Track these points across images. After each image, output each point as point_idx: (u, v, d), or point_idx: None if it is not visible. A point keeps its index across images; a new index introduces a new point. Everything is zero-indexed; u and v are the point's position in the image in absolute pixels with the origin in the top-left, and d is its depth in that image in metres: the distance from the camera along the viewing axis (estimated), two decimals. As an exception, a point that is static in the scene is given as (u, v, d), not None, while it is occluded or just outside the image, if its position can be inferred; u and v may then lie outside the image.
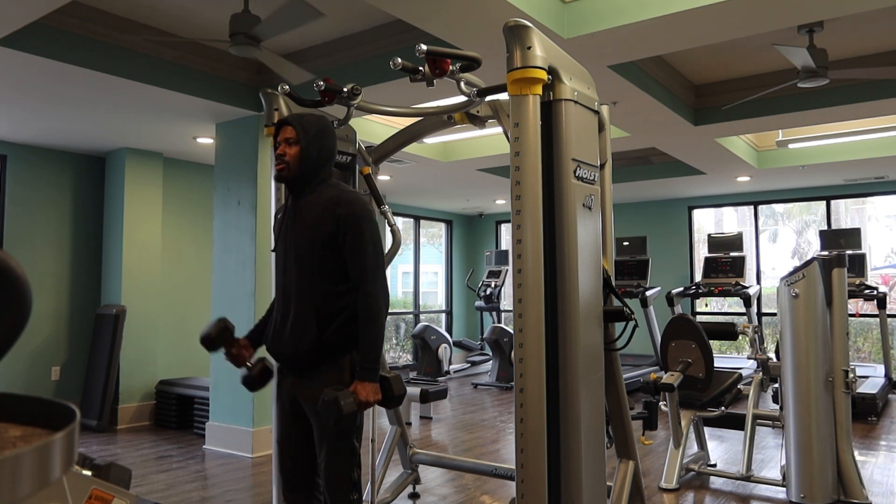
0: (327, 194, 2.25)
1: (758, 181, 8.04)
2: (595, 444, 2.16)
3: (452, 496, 4.05)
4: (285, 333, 2.24)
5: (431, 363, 8.55)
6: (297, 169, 2.24)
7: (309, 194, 2.27)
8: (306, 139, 2.24)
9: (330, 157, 2.31)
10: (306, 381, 2.23)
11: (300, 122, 2.26)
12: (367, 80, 4.32)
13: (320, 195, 2.26)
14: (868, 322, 8.65)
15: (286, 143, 2.25)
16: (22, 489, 0.50)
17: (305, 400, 2.23)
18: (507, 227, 10.67)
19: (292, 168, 2.24)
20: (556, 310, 2.08)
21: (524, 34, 2.02)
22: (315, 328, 2.18)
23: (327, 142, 2.30)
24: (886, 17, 4.13)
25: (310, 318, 2.19)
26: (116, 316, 5.89)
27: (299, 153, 2.24)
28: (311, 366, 2.22)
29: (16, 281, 0.65)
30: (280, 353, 2.28)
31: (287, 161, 2.24)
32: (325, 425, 2.16)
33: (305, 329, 2.19)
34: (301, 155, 2.24)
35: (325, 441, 2.20)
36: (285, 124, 2.27)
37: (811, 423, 3.70)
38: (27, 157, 5.95)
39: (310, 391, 2.21)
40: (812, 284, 3.75)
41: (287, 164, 2.24)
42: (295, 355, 2.22)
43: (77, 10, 3.86)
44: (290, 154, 2.24)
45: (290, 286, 2.24)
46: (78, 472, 0.89)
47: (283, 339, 2.24)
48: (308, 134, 2.24)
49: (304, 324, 2.19)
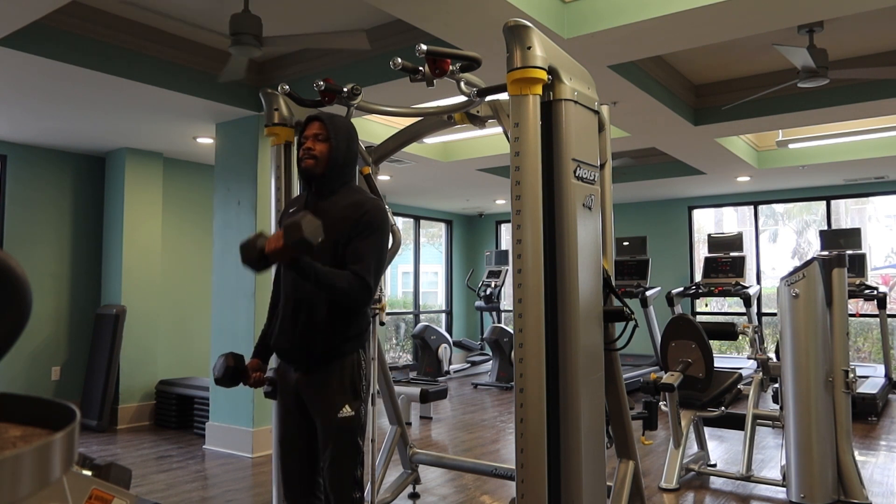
0: (352, 198, 2.25)
1: (758, 181, 8.04)
2: (595, 444, 2.16)
3: (452, 496, 4.05)
4: (296, 332, 2.22)
5: (431, 363, 8.55)
6: (325, 165, 2.23)
7: (329, 196, 2.26)
8: (336, 137, 2.23)
9: (355, 160, 2.32)
10: (314, 380, 2.22)
11: (331, 120, 2.25)
12: (367, 80, 4.32)
13: (344, 197, 2.25)
14: (868, 322, 8.65)
15: (314, 139, 2.24)
16: (22, 489, 0.50)
17: (313, 399, 2.23)
18: (507, 227, 10.67)
19: (321, 163, 2.23)
20: (556, 310, 2.08)
21: (524, 34, 2.02)
22: (330, 328, 2.19)
23: (353, 144, 2.30)
24: (886, 17, 4.13)
25: (323, 318, 2.19)
26: (116, 316, 5.89)
27: (328, 150, 2.23)
28: (320, 365, 2.22)
29: (16, 281, 0.65)
30: (288, 351, 2.26)
31: (316, 156, 2.22)
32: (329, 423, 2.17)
33: (319, 329, 2.19)
34: (330, 153, 2.23)
35: (330, 439, 2.20)
36: (315, 120, 2.26)
37: (811, 423, 3.70)
38: (27, 157, 5.95)
39: (318, 390, 2.21)
40: (812, 284, 3.75)
41: (316, 159, 2.22)
42: (308, 355, 2.21)
43: (77, 10, 3.86)
44: (319, 150, 2.23)
45: (301, 284, 2.21)
46: (78, 472, 0.89)
47: (293, 337, 2.22)
48: (339, 133, 2.24)
49: (318, 323, 2.19)
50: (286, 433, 2.32)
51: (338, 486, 2.19)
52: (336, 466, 2.19)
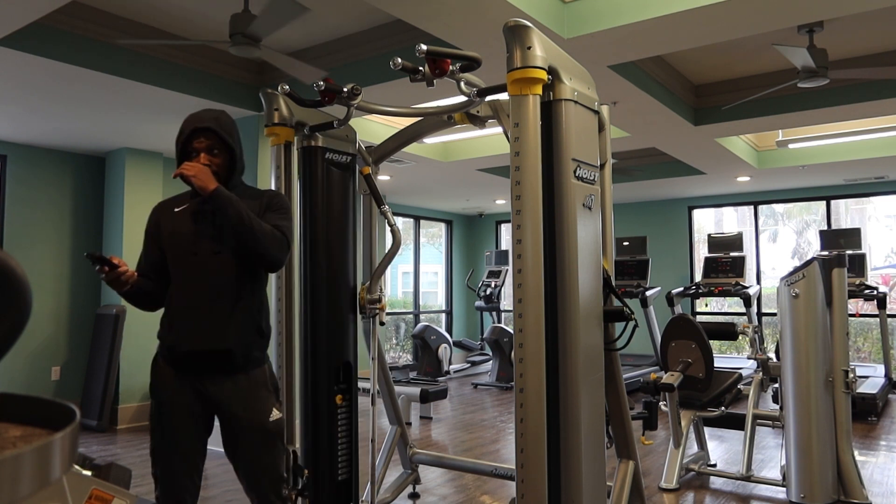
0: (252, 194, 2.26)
1: (758, 181, 8.04)
2: (595, 444, 2.16)
3: (452, 496, 4.05)
4: (205, 330, 2.13)
5: (431, 363, 8.55)
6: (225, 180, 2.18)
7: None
8: (234, 145, 2.21)
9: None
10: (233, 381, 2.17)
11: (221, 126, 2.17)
12: (367, 80, 4.32)
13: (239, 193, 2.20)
14: (868, 322, 8.65)
15: (208, 153, 2.16)
16: (22, 489, 0.50)
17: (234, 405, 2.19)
18: (507, 227, 10.67)
19: (220, 179, 2.15)
20: (556, 310, 2.08)
21: (524, 34, 2.02)
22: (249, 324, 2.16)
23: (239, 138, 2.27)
24: (886, 17, 4.13)
25: (238, 314, 2.14)
26: (116, 316, 5.89)
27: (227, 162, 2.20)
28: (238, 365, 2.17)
29: (16, 281, 0.65)
30: (200, 351, 2.15)
31: (216, 173, 2.16)
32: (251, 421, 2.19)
33: (234, 325, 2.13)
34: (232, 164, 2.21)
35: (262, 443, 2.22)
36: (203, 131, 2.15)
37: (811, 423, 3.70)
38: (27, 157, 5.95)
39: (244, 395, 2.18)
40: (812, 284, 3.75)
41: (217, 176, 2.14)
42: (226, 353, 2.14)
43: (77, 10, 3.86)
44: (217, 164, 2.18)
45: (203, 281, 2.14)
46: (78, 472, 0.89)
47: (204, 336, 2.13)
48: (234, 139, 2.21)
49: (232, 320, 2.13)
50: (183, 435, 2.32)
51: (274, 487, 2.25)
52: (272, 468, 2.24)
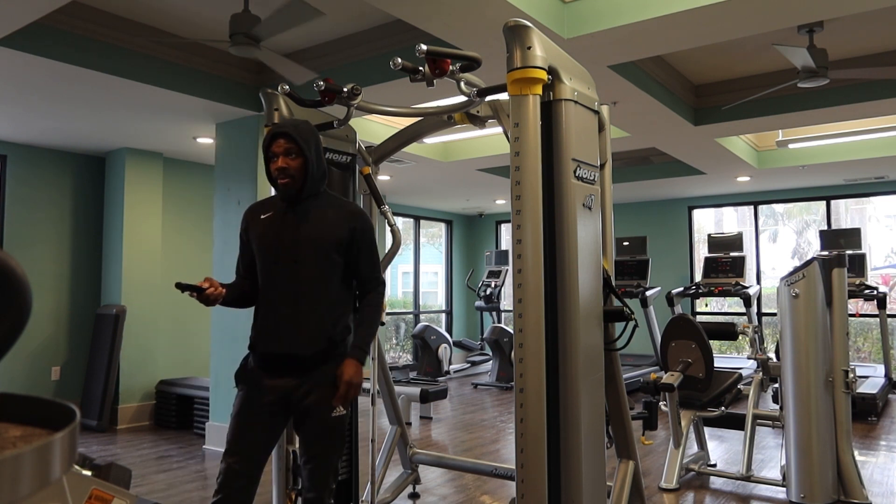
0: (335, 203, 2.32)
1: (758, 181, 8.04)
2: (595, 444, 2.16)
3: (452, 496, 4.05)
4: (289, 334, 2.22)
5: (431, 363, 8.55)
6: (302, 181, 2.24)
7: (306, 199, 2.28)
8: (308, 150, 2.23)
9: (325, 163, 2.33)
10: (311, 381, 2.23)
11: (298, 132, 2.22)
12: (367, 80, 4.32)
13: (323, 202, 2.30)
14: (868, 322, 8.65)
15: (286, 156, 2.22)
16: (22, 489, 0.50)
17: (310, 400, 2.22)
18: (507, 227, 10.67)
19: (297, 181, 2.23)
20: (556, 310, 2.08)
21: (524, 34, 2.02)
22: (330, 330, 2.23)
23: (321, 149, 2.30)
24: (886, 17, 4.13)
25: (322, 321, 2.23)
26: (116, 316, 5.89)
27: (303, 165, 2.23)
28: (317, 366, 2.24)
29: (16, 281, 0.65)
30: (282, 354, 2.24)
31: (292, 175, 2.22)
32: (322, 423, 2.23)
33: (318, 330, 2.22)
34: (306, 167, 2.23)
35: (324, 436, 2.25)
36: (282, 135, 2.22)
37: (811, 423, 3.70)
38: (27, 157, 5.95)
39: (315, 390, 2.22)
40: (812, 284, 3.75)
41: (293, 178, 2.22)
42: (306, 357, 2.22)
43: (77, 10, 3.86)
44: (294, 167, 2.22)
45: (292, 288, 2.23)
46: (78, 472, 0.89)
47: (287, 340, 2.22)
48: (309, 145, 2.23)
49: (317, 325, 2.22)
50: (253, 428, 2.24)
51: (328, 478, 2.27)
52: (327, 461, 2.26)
